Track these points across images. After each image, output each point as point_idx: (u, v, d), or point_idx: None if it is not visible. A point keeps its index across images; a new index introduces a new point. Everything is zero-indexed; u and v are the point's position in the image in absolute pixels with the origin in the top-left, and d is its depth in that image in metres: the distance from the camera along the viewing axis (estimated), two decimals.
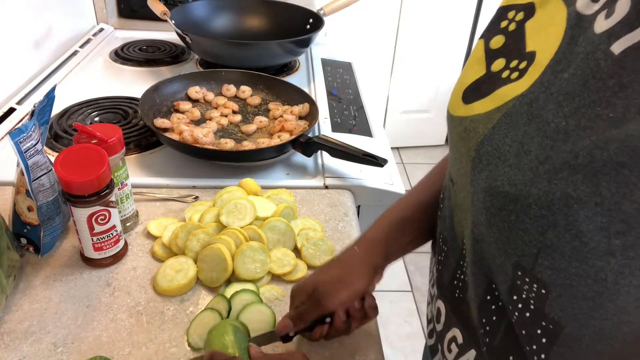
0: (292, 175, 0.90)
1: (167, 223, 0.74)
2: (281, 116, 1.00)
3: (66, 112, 1.05)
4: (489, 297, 0.42)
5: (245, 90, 1.11)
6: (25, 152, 0.59)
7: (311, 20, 1.35)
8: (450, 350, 0.50)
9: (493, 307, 0.42)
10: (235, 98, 1.10)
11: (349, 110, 1.13)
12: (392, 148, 1.02)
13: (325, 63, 1.36)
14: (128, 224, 0.75)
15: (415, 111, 2.75)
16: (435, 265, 0.53)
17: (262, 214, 0.74)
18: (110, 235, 0.66)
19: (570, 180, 0.30)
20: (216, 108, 1.05)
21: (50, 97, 0.65)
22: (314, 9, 1.36)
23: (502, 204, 0.35)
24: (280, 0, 1.44)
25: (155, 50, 1.41)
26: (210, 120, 1.01)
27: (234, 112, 1.05)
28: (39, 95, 1.12)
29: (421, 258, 0.59)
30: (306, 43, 1.26)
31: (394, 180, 0.89)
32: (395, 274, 2.08)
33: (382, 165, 0.83)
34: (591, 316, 0.34)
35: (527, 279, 0.36)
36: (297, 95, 1.05)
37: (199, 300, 0.65)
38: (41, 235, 0.66)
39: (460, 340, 0.48)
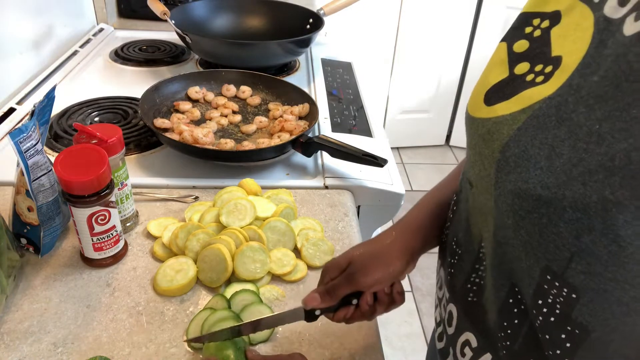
0: (292, 176, 0.90)
1: (167, 223, 0.74)
2: (281, 116, 1.00)
3: (66, 112, 1.05)
4: (511, 301, 0.42)
5: (245, 90, 1.11)
6: (25, 152, 0.59)
7: (311, 20, 1.35)
8: (463, 354, 0.49)
9: (515, 310, 0.41)
10: (235, 98, 1.10)
11: (349, 110, 1.13)
12: (392, 148, 1.02)
13: (325, 63, 1.36)
14: (128, 224, 0.75)
15: (415, 111, 2.75)
16: (447, 269, 0.52)
17: (262, 214, 0.74)
18: (110, 235, 0.66)
19: (607, 183, 0.30)
20: (216, 108, 1.05)
21: (50, 97, 0.65)
22: (314, 9, 1.36)
23: (533, 207, 0.35)
24: (280, 0, 1.44)
25: (155, 50, 1.41)
26: (210, 120, 1.01)
27: (234, 112, 1.05)
28: (39, 95, 1.12)
29: (421, 258, 0.59)
30: (306, 43, 1.26)
31: (394, 180, 0.89)
32: None
33: (382, 165, 0.83)
34: (623, 321, 0.34)
35: (557, 283, 0.35)
36: (297, 95, 1.05)
37: (199, 300, 0.65)
38: (41, 236, 0.66)
39: (474, 344, 0.48)
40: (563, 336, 0.37)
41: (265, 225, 0.72)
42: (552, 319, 0.37)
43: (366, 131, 1.05)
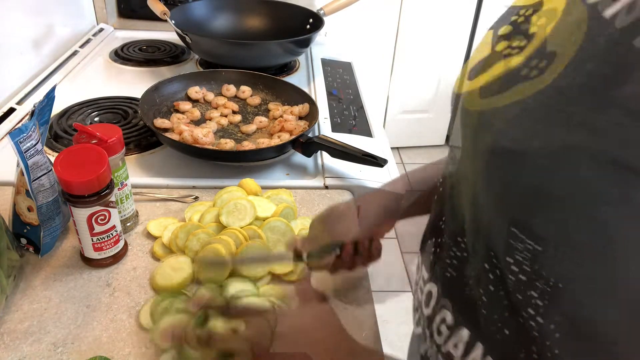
0: (292, 176, 0.90)
1: (167, 223, 0.74)
2: (281, 116, 1.00)
3: (66, 112, 1.05)
4: (487, 266, 0.43)
5: (245, 90, 1.11)
6: (25, 152, 0.59)
7: (311, 20, 1.35)
8: (440, 333, 0.50)
9: (491, 276, 0.42)
10: (235, 98, 1.10)
11: (349, 110, 1.13)
12: (392, 148, 1.02)
13: (325, 63, 1.36)
14: (128, 224, 0.75)
15: (415, 111, 2.75)
16: (431, 249, 0.54)
17: (262, 214, 0.74)
18: (110, 235, 0.66)
19: (570, 133, 0.32)
20: (216, 108, 1.05)
21: (50, 97, 0.65)
22: (314, 9, 1.36)
23: (502, 160, 0.36)
24: (280, 0, 1.44)
25: (155, 50, 1.41)
26: (210, 120, 1.01)
27: (234, 112, 1.05)
28: (39, 95, 1.12)
29: None
30: (306, 43, 1.26)
31: None
32: (395, 274, 2.08)
33: (382, 166, 0.83)
34: (587, 272, 0.34)
35: (523, 236, 0.36)
36: (297, 95, 1.05)
37: None
38: (41, 236, 0.66)
39: (450, 321, 0.49)
40: (534, 294, 0.38)
41: (265, 226, 0.72)
42: (523, 277, 0.38)
43: (366, 131, 1.05)
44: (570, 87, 0.35)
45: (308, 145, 0.88)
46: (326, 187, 0.87)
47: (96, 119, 1.04)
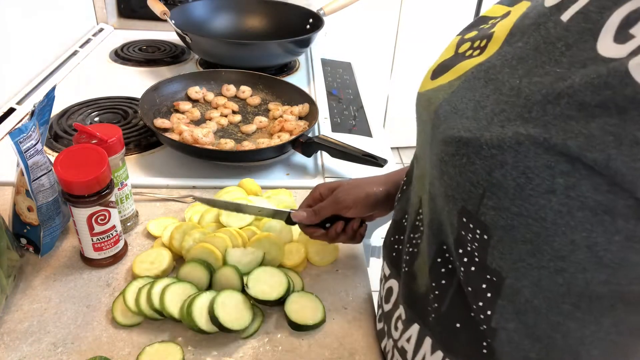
0: (292, 176, 0.90)
1: (167, 223, 0.74)
2: (281, 116, 1.00)
3: (66, 112, 1.05)
4: (439, 260, 0.44)
5: (245, 90, 1.11)
6: (25, 152, 0.59)
7: (311, 20, 1.35)
8: (396, 328, 0.52)
9: (443, 270, 0.44)
10: (235, 98, 1.10)
11: (349, 110, 1.13)
12: (392, 148, 1.02)
13: (325, 63, 1.36)
14: (128, 224, 0.75)
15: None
16: (391, 245, 0.56)
17: None
18: (110, 235, 0.66)
19: (522, 126, 0.33)
20: (216, 108, 1.05)
21: (50, 97, 0.65)
22: (314, 9, 1.36)
23: (455, 150, 0.37)
24: (280, 0, 1.44)
25: (155, 50, 1.41)
26: (210, 120, 1.01)
27: (234, 112, 1.05)
28: (39, 95, 1.12)
29: None
30: (306, 43, 1.26)
31: None
32: None
33: (382, 166, 0.83)
34: (529, 264, 0.35)
35: (472, 225, 0.37)
36: (297, 95, 1.05)
37: None
38: (41, 236, 0.66)
39: (403, 316, 0.50)
40: (484, 286, 0.39)
41: (263, 227, 0.72)
42: (473, 268, 0.40)
43: (366, 131, 1.05)
44: (503, 61, 0.38)
45: (308, 145, 0.88)
46: None
47: (96, 119, 1.04)
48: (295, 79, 1.25)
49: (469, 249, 0.39)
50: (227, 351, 0.58)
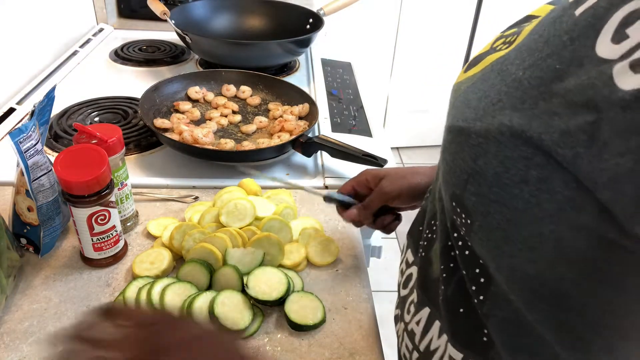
0: (292, 175, 0.90)
1: (167, 223, 0.74)
2: (281, 116, 1.00)
3: (66, 112, 1.05)
4: (449, 244, 0.45)
5: (245, 91, 1.11)
6: (25, 152, 0.59)
7: (311, 20, 1.35)
8: (408, 312, 0.53)
9: (451, 253, 0.45)
10: (235, 98, 1.10)
11: (349, 110, 1.13)
12: (392, 148, 1.02)
13: (325, 63, 1.36)
14: (128, 224, 0.75)
15: (416, 111, 2.75)
16: (414, 234, 0.57)
17: (262, 214, 0.74)
18: (110, 235, 0.66)
19: (509, 116, 0.34)
20: (216, 108, 1.05)
21: (50, 97, 0.65)
22: (314, 9, 1.36)
23: (452, 137, 0.40)
24: (280, 0, 1.44)
25: (155, 50, 1.41)
26: (210, 120, 1.01)
27: (234, 112, 1.05)
28: (39, 95, 1.12)
29: None
30: (306, 43, 1.26)
31: None
32: (394, 274, 2.07)
33: (382, 166, 0.83)
34: (503, 251, 0.36)
35: (459, 209, 0.39)
36: (297, 95, 1.05)
37: None
38: (41, 236, 0.66)
39: (416, 299, 0.51)
40: (477, 271, 0.40)
41: (262, 227, 0.72)
42: (466, 252, 0.41)
43: (366, 131, 1.05)
44: (517, 52, 0.38)
45: (308, 145, 0.88)
46: (326, 187, 0.87)
47: (96, 119, 1.04)
48: (295, 79, 1.25)
49: (460, 233, 0.41)
50: None
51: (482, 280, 0.40)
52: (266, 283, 0.63)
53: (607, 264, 0.32)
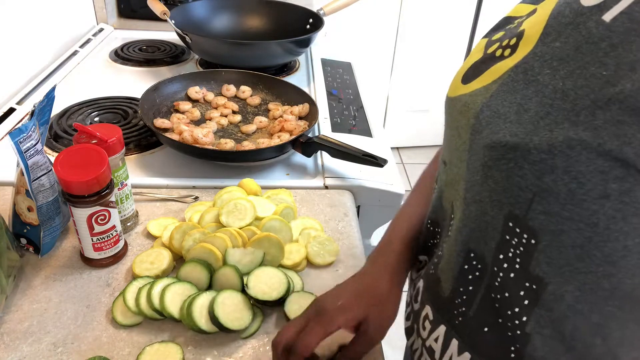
0: (292, 175, 0.90)
1: (167, 223, 0.74)
2: (281, 116, 1.00)
3: (66, 112, 1.05)
4: (466, 267, 0.44)
5: (245, 91, 1.11)
6: (25, 152, 0.59)
7: (311, 20, 1.35)
8: (424, 328, 0.51)
9: (470, 277, 0.44)
10: (235, 98, 1.10)
11: (349, 110, 1.13)
12: (392, 148, 1.02)
13: (325, 63, 1.36)
14: (128, 224, 0.75)
15: (415, 111, 2.75)
16: (431, 249, 0.55)
17: (262, 214, 0.74)
18: (110, 235, 0.66)
19: (572, 130, 0.32)
20: (216, 108, 1.05)
21: (50, 97, 0.65)
22: (314, 9, 1.36)
23: (501, 154, 0.37)
24: (280, 0, 1.44)
25: (155, 50, 1.41)
26: (210, 120, 1.01)
27: (234, 112, 1.05)
28: (39, 95, 1.12)
29: None
30: (306, 43, 1.26)
31: (394, 181, 0.89)
32: None
33: (382, 166, 0.83)
34: (576, 268, 0.35)
35: (518, 229, 0.37)
36: (297, 95, 1.05)
37: None
38: (41, 236, 0.66)
39: (431, 316, 0.50)
40: (522, 293, 0.39)
41: (262, 227, 0.72)
42: (512, 274, 0.39)
43: (366, 131, 1.05)
44: (542, 62, 0.37)
45: (308, 145, 0.88)
46: (326, 187, 0.87)
47: (96, 119, 1.04)
48: (295, 79, 1.25)
49: (510, 255, 0.39)
50: (227, 351, 0.58)
51: (526, 302, 0.39)
52: (266, 283, 0.63)
53: None
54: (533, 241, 0.37)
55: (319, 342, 0.49)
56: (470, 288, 0.44)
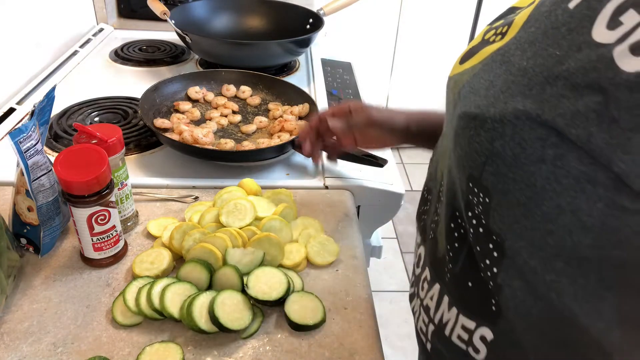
0: (292, 175, 0.90)
1: (167, 223, 0.74)
2: (281, 116, 1.00)
3: (66, 112, 1.05)
4: (452, 225, 0.49)
5: (245, 91, 1.11)
6: (25, 152, 0.59)
7: (311, 20, 1.35)
8: (423, 289, 0.57)
9: (456, 234, 0.48)
10: (235, 98, 1.10)
11: None
12: (392, 148, 1.02)
13: (325, 63, 1.36)
14: (128, 224, 0.75)
15: None
16: (420, 216, 0.60)
17: (262, 214, 0.74)
18: (110, 235, 0.66)
19: (521, 102, 0.37)
20: (216, 108, 1.05)
21: (50, 97, 0.65)
22: (314, 9, 1.36)
23: (465, 123, 0.42)
24: (280, 0, 1.44)
25: (155, 50, 1.41)
26: (210, 120, 1.01)
27: (234, 112, 1.05)
28: (39, 95, 1.12)
29: None
30: (306, 43, 1.26)
31: (394, 180, 0.89)
32: (394, 274, 2.08)
33: (382, 166, 0.83)
34: (524, 226, 0.39)
35: (476, 189, 0.42)
36: (297, 96, 1.05)
37: None
38: (41, 236, 0.66)
39: (429, 277, 0.55)
40: (490, 246, 0.43)
41: (262, 227, 0.72)
42: (480, 229, 0.44)
43: None
44: (517, 44, 0.42)
45: None
46: (326, 187, 0.87)
47: (96, 119, 1.04)
48: (295, 79, 1.25)
49: (476, 212, 0.44)
50: (227, 351, 0.58)
51: (495, 254, 0.43)
52: (266, 283, 0.63)
53: (620, 228, 0.34)
54: (487, 200, 0.41)
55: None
56: (456, 245, 0.48)
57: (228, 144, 0.92)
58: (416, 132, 0.73)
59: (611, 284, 0.38)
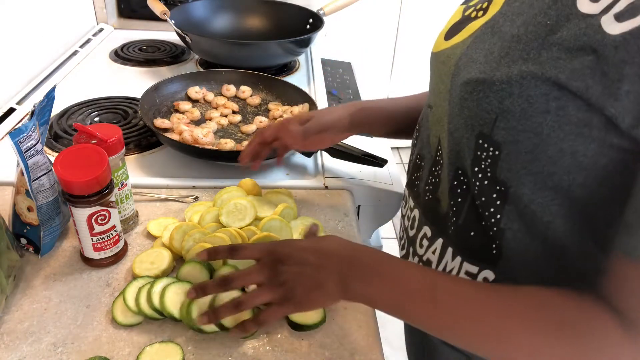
0: (292, 175, 0.90)
1: (167, 223, 0.74)
2: (281, 116, 1.00)
3: (66, 112, 1.05)
4: (456, 182, 0.54)
5: (245, 91, 1.11)
6: (25, 152, 0.59)
7: (311, 20, 1.35)
8: (422, 246, 0.62)
9: (459, 190, 0.54)
10: (235, 98, 1.10)
11: None
12: (392, 148, 1.02)
13: (325, 63, 1.36)
14: (128, 224, 0.75)
15: None
16: (413, 182, 0.65)
17: (262, 214, 0.74)
18: (110, 235, 0.66)
19: (524, 65, 0.44)
20: (216, 108, 1.05)
21: (50, 97, 0.65)
22: (314, 9, 1.36)
23: (473, 87, 0.48)
24: (280, 0, 1.44)
25: (155, 50, 1.41)
26: (210, 120, 1.01)
27: (234, 112, 1.05)
28: (39, 95, 1.12)
29: None
30: (306, 43, 1.26)
31: (393, 181, 0.89)
32: None
33: (382, 166, 0.83)
34: (529, 170, 0.46)
35: (486, 145, 0.48)
36: (297, 95, 1.05)
37: None
38: (41, 236, 0.66)
39: (429, 234, 0.60)
40: (494, 196, 0.50)
41: (262, 227, 0.72)
42: (485, 182, 0.50)
43: None
44: (505, 17, 0.49)
45: None
46: (326, 187, 0.87)
47: (96, 119, 1.04)
48: (295, 79, 1.25)
49: (482, 166, 0.50)
50: (227, 351, 0.58)
51: (498, 202, 0.49)
52: None
53: (607, 165, 0.42)
54: (497, 152, 0.47)
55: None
56: (459, 200, 0.54)
57: (228, 144, 0.92)
58: (357, 127, 0.77)
59: (595, 219, 0.45)
